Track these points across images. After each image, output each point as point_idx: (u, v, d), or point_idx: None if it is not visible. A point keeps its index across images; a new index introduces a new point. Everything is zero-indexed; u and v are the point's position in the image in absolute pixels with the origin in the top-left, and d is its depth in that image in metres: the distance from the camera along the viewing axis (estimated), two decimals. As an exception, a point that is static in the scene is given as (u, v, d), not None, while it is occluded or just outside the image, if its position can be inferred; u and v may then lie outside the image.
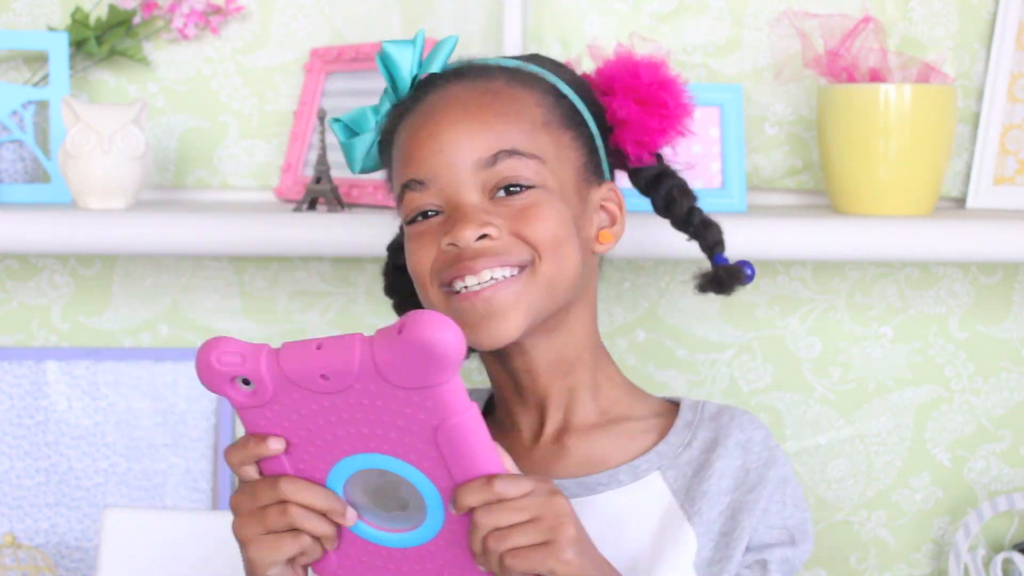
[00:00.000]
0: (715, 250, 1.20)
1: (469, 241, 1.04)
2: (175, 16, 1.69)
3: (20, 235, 1.52)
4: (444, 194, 1.07)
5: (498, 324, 1.05)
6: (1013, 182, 1.66)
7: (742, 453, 1.11)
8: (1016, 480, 1.74)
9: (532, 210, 1.06)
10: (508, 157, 1.06)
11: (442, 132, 1.07)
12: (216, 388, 0.88)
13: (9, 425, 1.74)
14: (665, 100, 1.15)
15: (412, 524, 0.93)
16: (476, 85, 1.09)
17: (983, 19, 1.70)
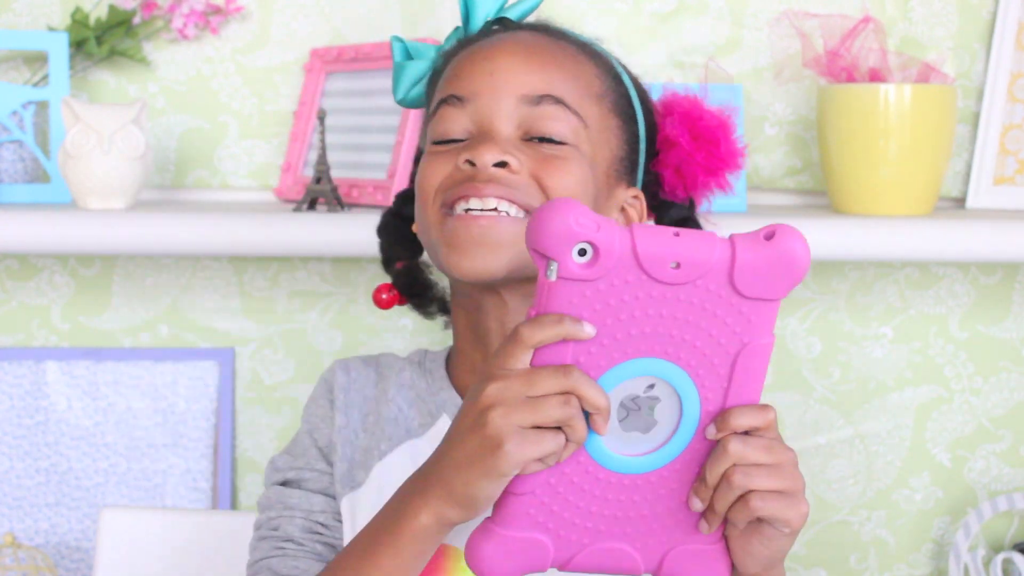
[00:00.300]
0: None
1: (487, 163, 1.02)
2: (175, 16, 1.69)
3: (20, 235, 1.52)
4: (478, 116, 1.05)
5: (486, 255, 1.02)
6: (1013, 182, 1.66)
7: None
8: (1016, 480, 1.74)
9: (558, 161, 1.04)
10: (553, 103, 1.04)
11: (496, 56, 1.05)
12: (554, 250, 0.81)
13: (9, 425, 1.74)
14: (719, 140, 1.14)
15: (645, 449, 0.87)
16: (548, 39, 1.09)
17: (983, 19, 1.70)
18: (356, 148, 1.63)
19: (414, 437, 1.11)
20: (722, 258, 0.82)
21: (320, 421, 1.15)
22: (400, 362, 1.17)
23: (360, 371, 1.16)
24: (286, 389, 1.75)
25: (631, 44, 1.71)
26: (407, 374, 1.15)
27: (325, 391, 1.16)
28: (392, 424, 1.12)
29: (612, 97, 1.09)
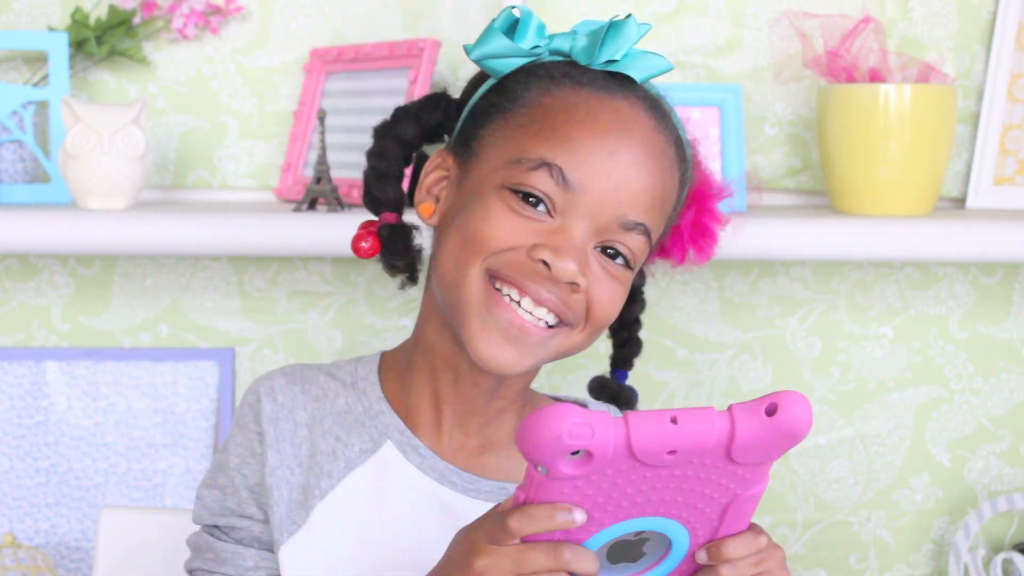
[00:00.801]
0: (626, 366, 1.20)
1: (563, 277, 0.98)
2: (175, 16, 1.69)
3: (20, 235, 1.52)
4: (573, 209, 0.98)
5: (515, 357, 0.99)
6: (1013, 182, 1.66)
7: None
8: (1016, 480, 1.74)
9: (615, 286, 1.01)
10: (641, 234, 1.01)
11: (623, 163, 0.99)
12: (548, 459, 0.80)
13: (9, 425, 1.74)
14: (712, 236, 1.15)
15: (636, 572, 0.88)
16: (661, 135, 1.02)
17: (983, 19, 1.70)
18: (356, 148, 1.63)
19: (356, 467, 1.07)
20: (720, 438, 0.80)
21: (249, 456, 1.09)
22: (332, 385, 1.10)
23: (287, 393, 1.10)
24: (286, 389, 1.75)
25: (631, 44, 1.71)
26: (342, 400, 1.09)
27: (252, 420, 1.09)
28: (330, 458, 1.07)
29: (677, 199, 1.07)
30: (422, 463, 1.06)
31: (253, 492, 1.08)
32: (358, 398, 1.09)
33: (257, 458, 1.08)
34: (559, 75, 1.02)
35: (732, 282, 1.73)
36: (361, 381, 1.10)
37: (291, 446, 1.08)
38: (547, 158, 0.98)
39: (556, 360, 1.04)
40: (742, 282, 1.73)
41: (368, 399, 1.08)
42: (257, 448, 1.08)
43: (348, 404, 1.09)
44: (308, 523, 1.06)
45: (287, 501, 1.06)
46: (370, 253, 1.10)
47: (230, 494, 1.09)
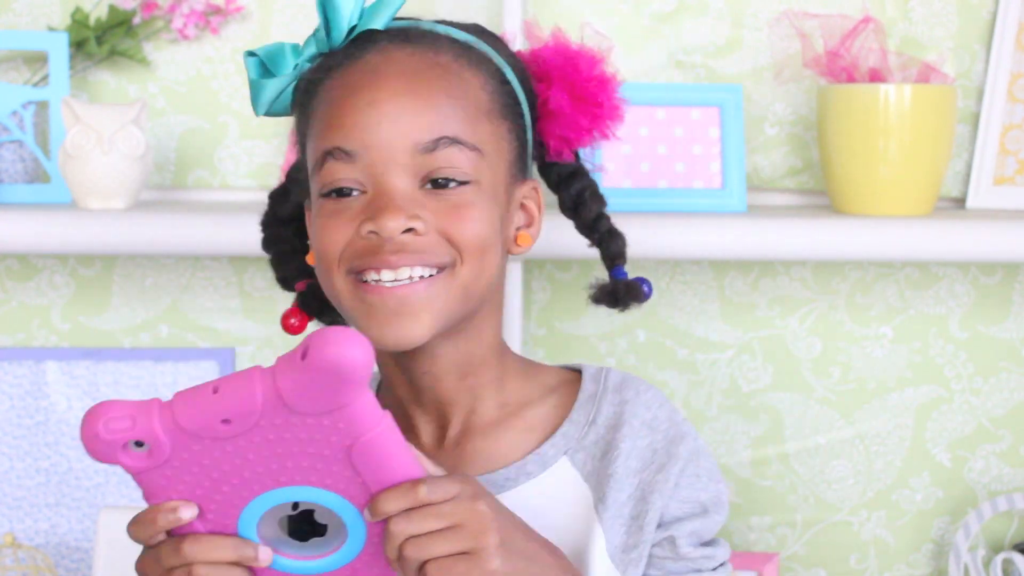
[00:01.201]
0: (616, 262, 1.12)
1: (394, 233, 0.97)
2: (175, 16, 1.69)
3: (20, 235, 1.52)
4: (372, 171, 0.98)
5: (408, 325, 0.98)
6: (1013, 182, 1.66)
7: (649, 432, 1.05)
8: (1016, 480, 1.74)
9: (464, 210, 0.99)
10: (449, 145, 0.98)
11: (382, 102, 0.98)
12: (107, 458, 0.81)
13: (9, 425, 1.74)
14: (601, 99, 1.07)
15: (333, 547, 0.89)
16: (423, 54, 1.00)
17: (983, 19, 1.70)
18: (356, 148, 1.63)
19: None
20: (267, 394, 0.79)
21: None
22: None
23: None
24: (286, 389, 1.75)
25: (631, 44, 1.71)
26: None
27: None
28: None
29: (499, 102, 1.03)
30: None
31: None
32: None
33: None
34: (315, 75, 1.03)
35: (732, 282, 1.73)
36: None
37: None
38: (325, 146, 0.99)
39: (472, 305, 1.02)
40: (742, 282, 1.73)
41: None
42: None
43: None
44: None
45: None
46: (299, 328, 1.12)
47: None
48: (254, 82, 1.03)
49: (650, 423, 1.06)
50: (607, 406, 1.07)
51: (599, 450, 1.05)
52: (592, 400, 1.07)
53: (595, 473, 1.04)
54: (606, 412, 1.07)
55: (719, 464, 1.74)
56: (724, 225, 1.50)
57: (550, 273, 1.73)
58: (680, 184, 1.61)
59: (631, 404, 1.07)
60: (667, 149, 1.61)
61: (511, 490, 1.04)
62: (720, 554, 1.07)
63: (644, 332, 1.73)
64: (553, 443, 1.06)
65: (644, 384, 1.09)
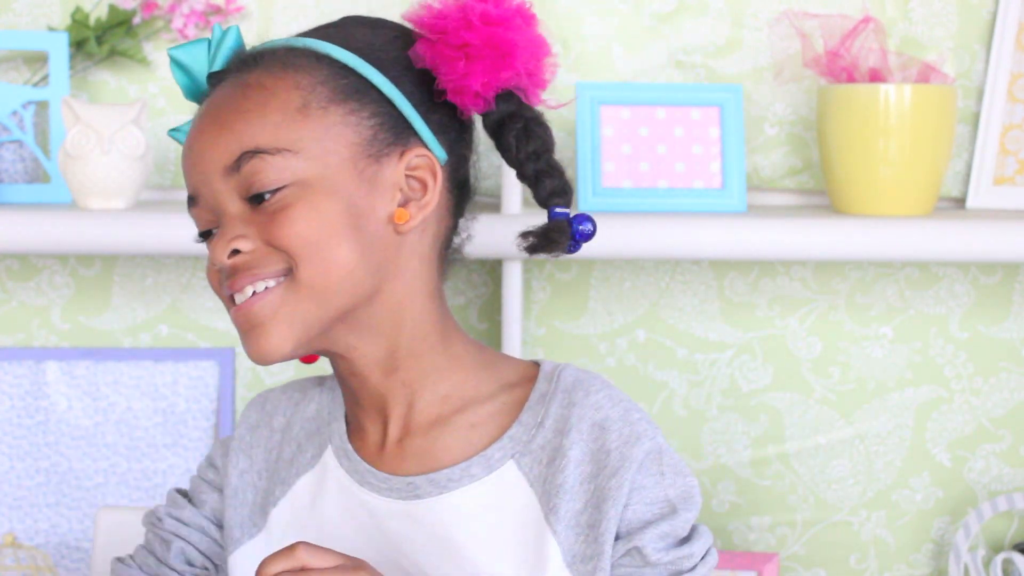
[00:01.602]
0: (557, 200, 1.02)
1: (223, 260, 0.98)
2: (175, 16, 1.69)
3: (20, 235, 1.52)
4: (210, 207, 1.01)
5: (260, 338, 0.98)
6: (1013, 182, 1.66)
7: (600, 433, 1.01)
8: (1016, 480, 1.74)
9: (282, 214, 0.98)
10: (251, 158, 0.98)
11: (193, 143, 1.01)
12: None
13: (9, 425, 1.74)
14: (468, 38, 1.00)
15: None
16: (233, 82, 1.02)
17: (983, 19, 1.70)
18: (356, 148, 1.63)
19: (304, 473, 1.09)
20: None
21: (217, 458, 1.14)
22: (313, 390, 1.13)
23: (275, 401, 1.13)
24: (286, 389, 1.75)
25: (631, 44, 1.71)
26: (313, 406, 1.11)
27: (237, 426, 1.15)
28: (287, 465, 1.09)
29: (326, 92, 1.01)
30: (349, 466, 1.06)
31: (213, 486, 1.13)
32: (327, 403, 1.10)
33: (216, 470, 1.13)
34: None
35: (732, 282, 1.73)
36: (330, 380, 1.11)
37: (264, 451, 1.11)
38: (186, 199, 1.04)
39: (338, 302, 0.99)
40: (742, 282, 1.73)
41: (333, 404, 1.10)
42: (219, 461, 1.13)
43: (318, 410, 1.11)
44: (266, 527, 1.09)
45: (250, 504, 1.10)
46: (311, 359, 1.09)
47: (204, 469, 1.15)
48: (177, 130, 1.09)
49: (600, 424, 1.02)
50: (555, 408, 1.03)
51: (545, 455, 1.02)
52: (542, 401, 1.04)
53: (541, 480, 1.01)
54: (554, 415, 1.03)
55: (719, 464, 1.74)
56: (724, 225, 1.50)
57: (550, 273, 1.73)
58: (680, 184, 1.61)
59: (579, 407, 1.02)
60: (667, 149, 1.61)
61: (455, 491, 1.02)
62: (698, 549, 1.01)
63: (644, 332, 1.74)
64: (500, 446, 1.02)
65: (598, 383, 1.04)
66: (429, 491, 1.02)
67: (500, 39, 1.01)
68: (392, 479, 1.03)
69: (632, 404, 1.03)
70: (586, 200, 1.57)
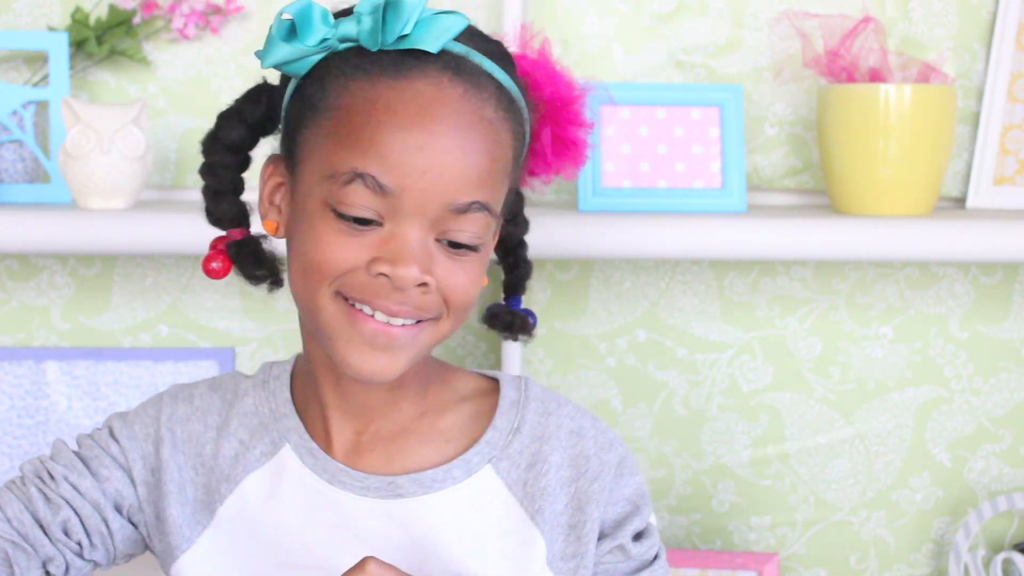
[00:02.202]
0: (517, 291, 1.12)
1: (408, 284, 0.96)
2: (175, 16, 1.69)
3: (20, 235, 1.52)
4: (398, 212, 0.96)
5: (388, 362, 0.98)
6: (1013, 182, 1.66)
7: (577, 440, 1.07)
8: (1016, 480, 1.74)
9: (466, 274, 0.99)
10: (478, 211, 0.97)
11: (435, 152, 0.95)
12: None
13: (9, 425, 1.74)
14: (578, 144, 1.08)
15: None
16: (473, 101, 0.97)
17: (983, 19, 1.70)
18: (356, 148, 1.63)
19: (253, 470, 1.08)
20: None
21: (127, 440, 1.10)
22: (245, 385, 1.11)
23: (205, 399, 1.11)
24: (286, 389, 1.75)
25: (631, 44, 1.71)
26: (249, 400, 1.10)
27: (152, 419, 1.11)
28: (231, 461, 1.08)
29: (516, 156, 1.02)
30: (315, 464, 1.06)
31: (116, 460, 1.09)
32: (266, 399, 1.10)
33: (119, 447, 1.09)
34: (351, 69, 0.98)
35: (732, 282, 1.73)
36: (273, 381, 1.11)
37: (196, 446, 1.09)
38: (358, 168, 0.95)
39: (432, 348, 1.03)
40: (742, 282, 1.73)
41: (276, 401, 1.09)
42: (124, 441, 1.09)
43: (256, 405, 1.10)
44: (213, 524, 1.08)
45: (191, 502, 1.08)
46: (222, 273, 1.07)
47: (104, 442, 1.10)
48: (273, 40, 1.00)
49: (576, 431, 1.08)
50: (531, 415, 1.08)
51: (524, 460, 1.07)
52: (515, 407, 1.08)
53: (521, 483, 1.06)
54: (531, 422, 1.08)
55: (719, 464, 1.74)
56: (724, 225, 1.50)
57: (550, 273, 1.73)
58: (680, 184, 1.61)
59: (555, 416, 1.08)
60: (667, 149, 1.61)
61: (437, 491, 1.05)
62: (654, 541, 1.10)
63: (644, 332, 1.74)
64: (478, 450, 1.06)
65: (561, 396, 1.11)
66: (412, 491, 1.05)
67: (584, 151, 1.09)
68: (370, 478, 1.05)
69: (593, 415, 1.10)
70: (586, 200, 1.57)
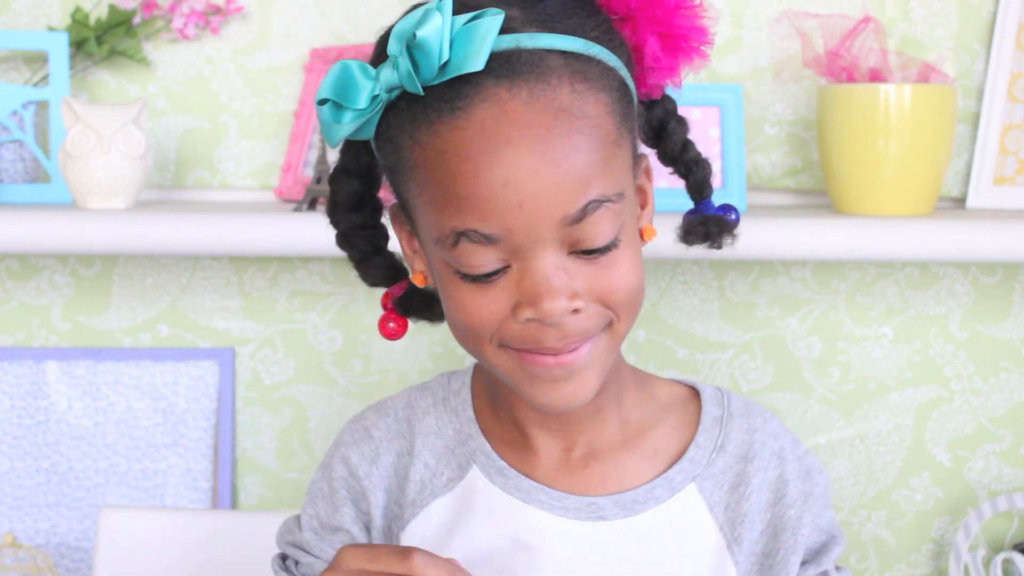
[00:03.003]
0: (704, 193, 1.02)
1: (559, 318, 0.89)
2: (175, 16, 1.69)
3: (20, 235, 1.52)
4: (517, 251, 0.88)
5: (576, 388, 0.92)
6: (1013, 182, 1.66)
7: (778, 463, 1.02)
8: (1016, 480, 1.74)
9: (617, 269, 0.90)
10: (596, 208, 0.88)
11: (521, 182, 0.86)
12: None
13: (9, 425, 1.74)
14: (688, 32, 0.94)
15: None
16: (540, 100, 0.87)
17: (983, 19, 1.70)
18: (356, 148, 1.63)
19: (441, 495, 1.03)
20: None
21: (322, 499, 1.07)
22: (423, 401, 1.06)
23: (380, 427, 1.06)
24: (286, 389, 1.75)
25: (631, 44, 1.71)
26: (431, 419, 1.05)
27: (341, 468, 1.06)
28: (418, 486, 1.03)
29: (621, 112, 0.92)
30: (506, 484, 1.01)
31: (316, 533, 1.07)
32: (450, 418, 1.05)
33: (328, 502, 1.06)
34: (411, 122, 0.89)
35: (732, 282, 1.73)
36: (453, 397, 1.05)
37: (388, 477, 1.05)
38: (458, 228, 0.88)
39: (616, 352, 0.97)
40: (742, 282, 1.73)
41: (460, 420, 1.04)
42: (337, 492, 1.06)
43: (439, 425, 1.04)
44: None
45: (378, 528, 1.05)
46: (399, 333, 1.02)
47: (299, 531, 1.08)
48: (327, 124, 0.91)
49: (779, 453, 1.03)
50: (736, 433, 1.03)
51: (727, 481, 1.02)
52: (718, 424, 1.03)
53: (723, 505, 1.01)
54: (736, 440, 1.02)
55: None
56: (724, 225, 1.50)
57: (550, 273, 1.73)
58: (680, 184, 1.60)
59: (760, 433, 1.03)
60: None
61: (640, 514, 1.00)
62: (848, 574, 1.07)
63: (644, 332, 1.74)
64: (681, 468, 1.01)
65: (767, 411, 1.05)
66: (615, 513, 1.00)
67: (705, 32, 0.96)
68: (569, 498, 1.00)
69: (793, 435, 1.05)
70: (586, 200, 1.57)
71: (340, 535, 1.06)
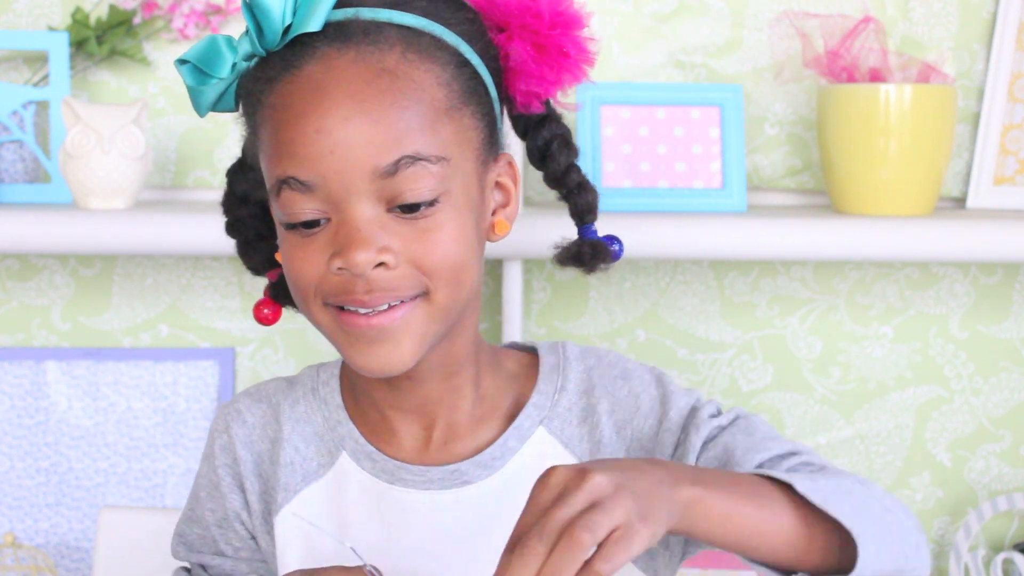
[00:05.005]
0: (585, 219, 1.03)
1: (364, 268, 0.91)
2: (175, 16, 1.69)
3: (20, 235, 1.52)
4: (332, 200, 0.91)
5: (390, 351, 0.94)
6: (1013, 182, 1.66)
7: (624, 382, 1.04)
8: (1016, 480, 1.74)
9: (434, 234, 0.93)
10: (411, 164, 0.91)
11: (333, 129, 0.90)
12: None
13: (9, 425, 1.74)
14: (567, 47, 0.97)
15: None
16: (367, 60, 0.91)
17: (983, 19, 1.70)
18: (356, 148, 1.63)
19: (313, 480, 1.06)
20: None
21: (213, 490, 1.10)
22: (292, 390, 1.09)
23: (254, 412, 1.10)
24: (286, 389, 1.75)
25: (631, 44, 1.71)
26: (301, 407, 1.08)
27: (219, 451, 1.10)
28: (288, 469, 1.06)
29: (459, 90, 0.95)
30: (373, 467, 1.04)
31: (221, 527, 1.09)
32: (319, 406, 1.07)
33: (218, 492, 1.09)
34: (255, 83, 0.95)
35: (732, 282, 1.73)
36: (322, 387, 1.08)
37: (264, 463, 1.08)
38: (279, 175, 0.93)
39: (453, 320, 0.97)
40: (742, 282, 1.73)
41: (328, 408, 1.07)
42: (223, 480, 1.09)
43: (308, 412, 1.07)
44: (272, 534, 1.07)
45: (258, 513, 1.08)
46: (271, 319, 1.08)
47: (202, 530, 1.11)
48: (191, 88, 0.96)
49: (622, 375, 1.05)
50: (574, 374, 1.05)
51: (575, 416, 1.04)
52: (556, 370, 1.05)
53: (576, 439, 1.03)
54: (575, 379, 1.05)
55: (719, 464, 1.74)
56: (724, 225, 1.51)
57: (550, 273, 1.73)
58: (680, 184, 1.61)
59: (598, 367, 1.05)
60: (667, 149, 1.61)
61: (499, 469, 1.02)
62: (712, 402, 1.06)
63: (644, 332, 1.74)
64: (527, 415, 1.04)
65: (605, 350, 1.08)
66: (478, 474, 1.02)
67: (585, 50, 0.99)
68: (431, 470, 1.02)
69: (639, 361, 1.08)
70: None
71: (236, 524, 1.09)
